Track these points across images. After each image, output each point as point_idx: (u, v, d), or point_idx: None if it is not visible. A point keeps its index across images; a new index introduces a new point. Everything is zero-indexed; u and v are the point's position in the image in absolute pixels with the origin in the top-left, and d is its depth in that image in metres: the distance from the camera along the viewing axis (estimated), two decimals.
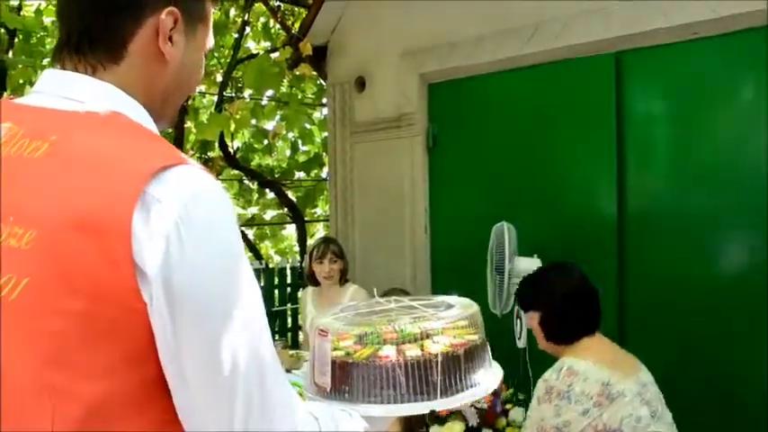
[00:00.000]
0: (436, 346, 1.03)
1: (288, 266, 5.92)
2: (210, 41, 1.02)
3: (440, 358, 1.02)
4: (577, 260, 2.29)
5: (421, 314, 1.14)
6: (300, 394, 2.52)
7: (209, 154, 5.69)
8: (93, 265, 0.74)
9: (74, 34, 0.90)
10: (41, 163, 0.80)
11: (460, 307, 1.18)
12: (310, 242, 5.03)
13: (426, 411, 1.03)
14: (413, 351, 1.03)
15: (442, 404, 1.03)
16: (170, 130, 5.22)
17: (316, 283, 3.54)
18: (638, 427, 1.90)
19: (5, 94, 4.83)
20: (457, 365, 1.04)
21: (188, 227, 0.76)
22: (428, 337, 1.05)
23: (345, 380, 1.04)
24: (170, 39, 0.92)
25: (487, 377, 1.11)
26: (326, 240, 3.61)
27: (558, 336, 2.14)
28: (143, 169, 0.77)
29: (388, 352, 1.03)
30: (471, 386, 1.06)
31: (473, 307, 1.18)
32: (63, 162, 0.80)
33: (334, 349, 1.07)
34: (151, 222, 0.75)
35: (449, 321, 1.10)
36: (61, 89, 0.89)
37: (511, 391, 2.37)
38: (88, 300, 0.74)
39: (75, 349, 0.74)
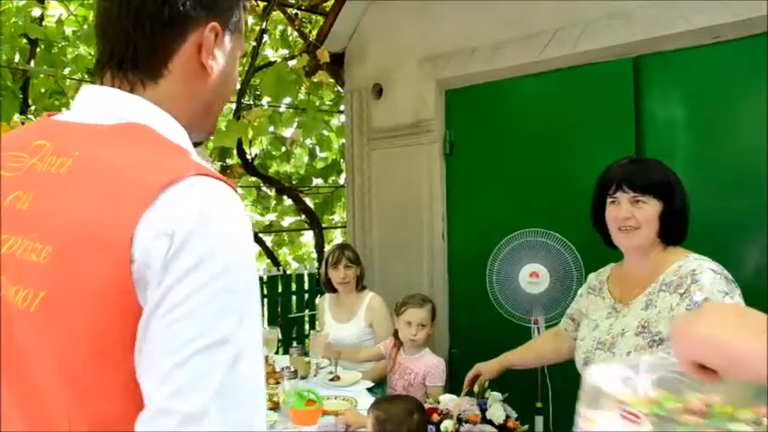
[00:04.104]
0: None
1: (305, 273, 5.93)
2: (244, 47, 1.03)
3: None
4: (597, 264, 2.26)
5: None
6: (318, 400, 2.51)
7: (227, 161, 5.71)
8: (96, 279, 0.74)
9: (116, 53, 0.91)
10: (64, 179, 0.82)
11: None
12: (328, 249, 5.03)
13: None
14: None
15: None
16: None
17: (332, 289, 3.54)
18: None
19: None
20: None
21: (191, 242, 0.75)
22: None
23: None
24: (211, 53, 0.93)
25: None
26: (341, 246, 3.62)
27: (679, 234, 1.93)
28: (154, 182, 0.77)
29: None
30: None
31: None
32: (82, 177, 0.81)
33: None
34: (156, 236, 0.74)
35: None
36: (94, 104, 0.90)
37: (525, 428, 2.34)
38: (92, 315, 0.75)
39: (82, 364, 0.75)
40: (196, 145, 0.95)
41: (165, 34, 0.90)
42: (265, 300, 5.48)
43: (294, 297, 5.74)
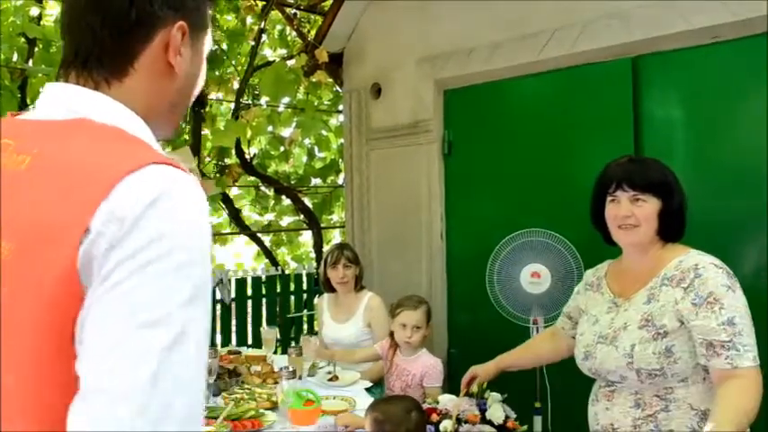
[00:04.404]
0: None
1: (304, 273, 5.93)
2: (210, 45, 1.03)
3: None
4: (596, 263, 2.26)
5: None
6: (316, 400, 2.50)
7: (225, 161, 5.71)
8: (51, 275, 0.74)
9: (82, 51, 0.91)
10: (24, 176, 0.82)
11: None
12: (327, 248, 5.03)
13: None
14: None
15: None
16: (187, 137, 5.25)
17: (331, 289, 3.54)
18: None
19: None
20: None
21: (141, 225, 0.74)
22: None
23: None
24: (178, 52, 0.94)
25: None
26: (340, 246, 3.61)
27: (677, 231, 1.97)
28: (110, 174, 0.76)
29: None
30: None
31: None
32: (40, 174, 0.81)
33: None
34: (107, 223, 0.74)
35: None
36: (57, 102, 0.90)
37: (524, 428, 2.34)
38: (47, 310, 0.74)
39: (35, 362, 0.75)
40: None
41: (132, 33, 0.90)
42: (264, 299, 5.48)
43: (293, 297, 5.74)
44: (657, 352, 1.82)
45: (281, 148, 6.19)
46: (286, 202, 6.46)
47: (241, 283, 5.37)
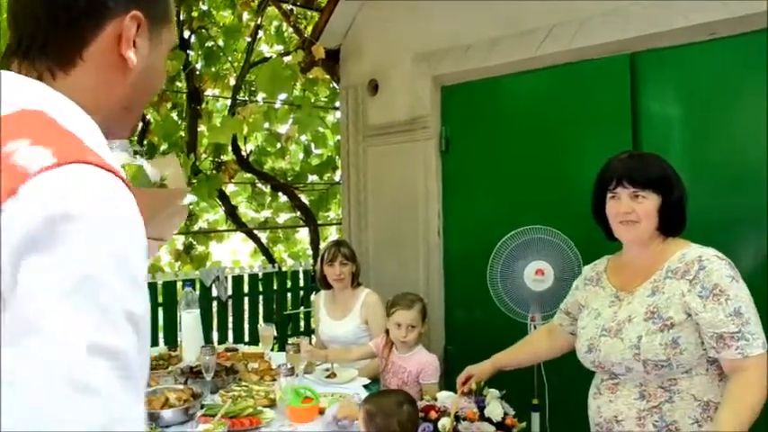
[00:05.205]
0: None
1: (300, 270, 5.92)
2: (173, 39, 0.97)
3: None
4: (594, 260, 2.25)
5: None
6: (315, 397, 2.48)
7: (222, 157, 5.70)
8: None
9: (25, 40, 0.85)
10: None
11: None
12: (324, 245, 5.03)
13: None
14: None
15: None
16: (183, 134, 5.23)
17: (328, 286, 3.53)
18: None
19: None
20: None
21: (46, 231, 0.66)
22: None
23: None
24: (133, 44, 0.87)
25: None
26: (337, 243, 3.60)
27: (678, 226, 1.98)
28: (20, 171, 0.68)
29: None
30: None
31: None
32: None
33: None
34: (11, 228, 0.66)
35: None
36: None
37: (523, 425, 2.33)
38: None
39: None
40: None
41: (80, 22, 0.84)
42: (260, 296, 5.47)
43: (289, 294, 5.72)
44: (664, 343, 1.84)
45: (278, 145, 6.18)
46: (282, 198, 6.45)
47: (237, 280, 5.35)
